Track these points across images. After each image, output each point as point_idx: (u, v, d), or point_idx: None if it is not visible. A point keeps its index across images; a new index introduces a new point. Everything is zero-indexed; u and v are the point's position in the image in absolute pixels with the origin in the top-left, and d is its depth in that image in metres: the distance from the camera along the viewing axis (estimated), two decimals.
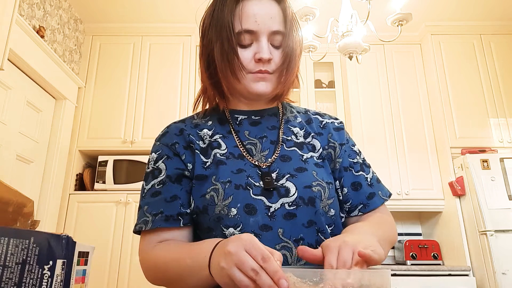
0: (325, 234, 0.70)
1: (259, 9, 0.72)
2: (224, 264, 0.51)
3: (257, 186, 0.69)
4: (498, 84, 3.01)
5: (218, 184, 0.69)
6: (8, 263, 0.45)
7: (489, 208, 2.50)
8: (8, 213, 0.59)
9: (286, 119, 0.82)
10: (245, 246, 0.50)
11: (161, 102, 2.97)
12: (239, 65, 0.72)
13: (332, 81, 3.37)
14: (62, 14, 2.84)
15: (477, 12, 3.05)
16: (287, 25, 0.74)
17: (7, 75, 2.23)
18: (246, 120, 0.80)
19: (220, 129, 0.78)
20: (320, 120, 0.84)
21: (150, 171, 0.76)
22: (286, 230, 0.67)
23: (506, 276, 2.35)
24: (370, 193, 0.78)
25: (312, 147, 0.78)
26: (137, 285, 2.51)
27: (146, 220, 0.70)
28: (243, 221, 0.66)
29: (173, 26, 3.16)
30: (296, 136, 0.79)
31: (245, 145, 0.76)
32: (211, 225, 0.68)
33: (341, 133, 0.83)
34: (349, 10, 2.01)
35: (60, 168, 2.71)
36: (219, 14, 0.73)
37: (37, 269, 0.47)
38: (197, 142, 0.76)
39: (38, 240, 0.47)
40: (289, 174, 0.72)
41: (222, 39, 0.72)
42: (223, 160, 0.73)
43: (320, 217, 0.70)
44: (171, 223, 0.69)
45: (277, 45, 0.74)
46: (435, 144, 3.01)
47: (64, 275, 0.49)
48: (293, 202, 0.69)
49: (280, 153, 0.75)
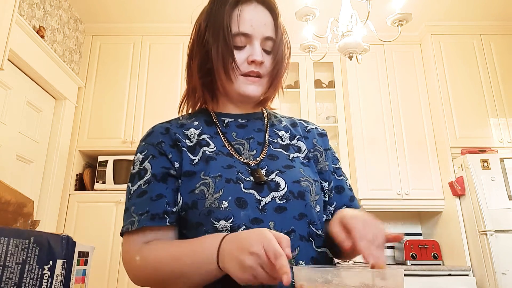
0: (316, 226, 0.72)
1: (255, 15, 0.77)
2: (251, 263, 0.54)
3: (247, 181, 0.71)
4: (498, 84, 3.01)
5: (209, 178, 0.70)
6: (8, 263, 0.45)
7: (489, 208, 2.50)
8: (8, 213, 0.59)
9: (271, 123, 0.86)
10: (264, 244, 0.54)
11: (161, 102, 2.97)
12: (233, 65, 0.75)
13: (332, 81, 3.37)
14: (62, 14, 2.84)
15: (477, 12, 3.05)
16: (278, 34, 0.79)
17: (7, 75, 2.23)
18: (233, 123, 0.82)
19: (207, 130, 0.80)
20: (304, 125, 0.89)
21: (136, 172, 0.75)
22: (277, 223, 0.68)
23: (506, 276, 2.35)
24: (351, 196, 0.84)
25: (298, 149, 0.81)
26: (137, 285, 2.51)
27: (132, 220, 0.71)
28: (234, 214, 0.67)
29: (173, 26, 3.16)
30: (281, 138, 0.82)
31: (233, 145, 0.78)
32: (200, 219, 0.69)
33: (324, 139, 0.88)
34: (349, 10, 2.01)
35: (60, 168, 2.71)
36: (217, 16, 0.77)
37: (37, 269, 0.47)
38: (183, 141, 0.76)
39: (38, 240, 0.47)
40: (278, 170, 0.74)
41: (219, 40, 0.75)
42: (213, 156, 0.74)
43: (311, 210, 0.72)
44: (157, 221, 0.69)
45: (268, 51, 0.79)
46: (435, 144, 3.01)
47: (64, 275, 0.49)
48: (283, 196, 0.70)
49: (268, 152, 0.78)
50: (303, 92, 3.25)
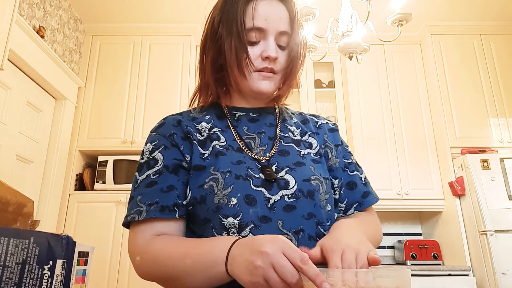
0: (324, 227, 0.71)
1: (269, 9, 0.75)
2: (261, 263, 0.50)
3: (257, 178, 0.70)
4: (498, 84, 3.01)
5: (218, 174, 0.69)
6: (8, 263, 0.45)
7: (489, 208, 2.50)
8: (8, 213, 0.59)
9: (283, 118, 0.84)
10: (283, 248, 0.51)
11: (161, 102, 2.97)
12: (247, 61, 0.73)
13: (332, 81, 3.37)
14: (62, 14, 2.84)
15: (477, 12, 3.05)
16: (293, 27, 0.77)
17: (7, 75, 2.23)
18: (244, 117, 0.81)
19: (218, 124, 0.79)
20: (315, 121, 0.87)
21: (144, 161, 0.74)
22: (286, 222, 0.67)
23: (506, 276, 2.35)
24: (364, 192, 0.81)
25: (309, 145, 0.80)
26: (137, 285, 2.51)
27: (139, 210, 0.68)
28: (243, 211, 0.66)
29: (173, 26, 3.16)
30: (293, 133, 0.81)
31: (244, 139, 0.77)
32: (208, 215, 0.68)
33: (335, 134, 0.86)
34: (349, 10, 2.01)
35: (60, 168, 2.71)
36: (231, 10, 0.75)
37: (37, 269, 0.47)
38: (194, 134, 0.76)
39: (38, 240, 0.47)
40: (288, 167, 0.73)
41: (232, 34, 0.74)
42: (223, 151, 0.73)
43: (320, 210, 0.71)
44: (166, 213, 0.68)
45: (283, 46, 0.76)
46: (435, 144, 3.01)
47: (64, 275, 0.49)
48: (292, 195, 0.69)
49: (279, 148, 0.76)
50: (303, 92, 3.25)
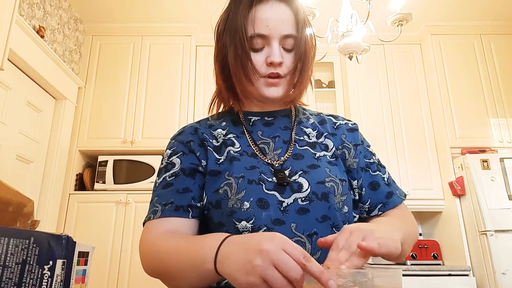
0: (339, 229, 0.68)
1: (271, 14, 0.74)
2: (260, 262, 0.47)
3: (269, 182, 0.70)
4: (498, 84, 3.01)
5: (232, 179, 0.70)
6: (8, 263, 0.45)
7: (489, 208, 2.50)
8: (8, 213, 0.59)
9: (299, 120, 0.84)
10: (282, 245, 0.48)
11: (161, 102, 2.97)
12: (252, 68, 0.74)
13: (332, 81, 3.37)
14: (62, 14, 2.84)
15: (477, 12, 3.05)
16: (299, 29, 0.76)
17: (7, 75, 2.23)
18: (259, 121, 0.82)
19: (234, 130, 0.80)
20: (333, 122, 0.86)
21: (163, 166, 0.77)
22: (299, 225, 0.67)
23: (506, 276, 2.35)
24: (388, 192, 0.80)
25: (325, 147, 0.79)
26: (137, 285, 2.51)
27: (155, 210, 0.71)
28: (256, 215, 0.67)
29: (173, 26, 3.16)
30: (308, 136, 0.81)
31: (258, 144, 0.77)
32: (223, 219, 0.69)
33: (355, 134, 0.84)
34: (349, 10, 2.01)
35: (60, 168, 2.71)
36: (233, 19, 0.76)
37: (37, 269, 0.47)
38: (210, 140, 0.78)
39: (38, 240, 0.47)
40: (301, 171, 0.72)
41: (235, 43, 0.74)
42: (237, 157, 0.74)
43: (335, 212, 0.70)
44: (180, 213, 0.70)
45: (289, 49, 0.76)
46: (435, 144, 3.01)
47: (64, 275, 0.49)
48: (306, 197, 0.69)
49: (293, 151, 0.76)
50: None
